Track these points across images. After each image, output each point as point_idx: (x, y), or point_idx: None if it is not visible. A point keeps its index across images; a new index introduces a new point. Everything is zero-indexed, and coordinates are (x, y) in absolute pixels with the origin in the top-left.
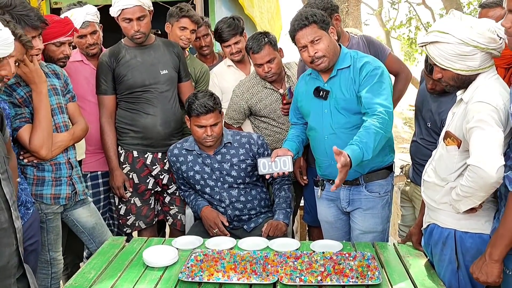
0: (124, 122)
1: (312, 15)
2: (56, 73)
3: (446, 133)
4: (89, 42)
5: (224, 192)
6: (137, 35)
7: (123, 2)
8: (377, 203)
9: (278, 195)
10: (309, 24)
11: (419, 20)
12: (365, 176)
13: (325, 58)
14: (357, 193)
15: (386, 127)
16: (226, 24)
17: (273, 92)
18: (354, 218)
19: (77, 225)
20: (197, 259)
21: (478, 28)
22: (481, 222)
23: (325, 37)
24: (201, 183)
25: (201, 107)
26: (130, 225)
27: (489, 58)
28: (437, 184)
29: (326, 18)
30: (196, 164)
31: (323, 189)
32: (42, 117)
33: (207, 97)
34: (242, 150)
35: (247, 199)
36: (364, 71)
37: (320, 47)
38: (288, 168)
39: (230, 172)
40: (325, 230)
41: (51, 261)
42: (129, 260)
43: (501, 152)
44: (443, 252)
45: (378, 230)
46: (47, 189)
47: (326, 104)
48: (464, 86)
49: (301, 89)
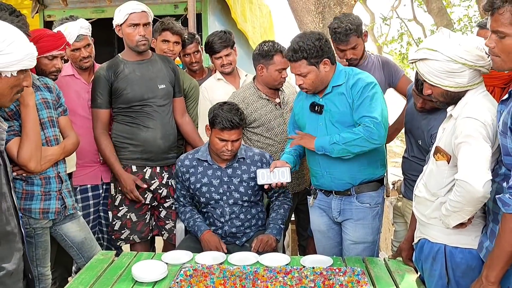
0: (122, 136)
1: (302, 51)
2: (48, 86)
3: (436, 148)
4: (83, 55)
5: (228, 207)
6: (142, 41)
7: (131, 7)
8: (368, 214)
9: (277, 211)
10: (298, 59)
11: (411, 36)
12: (356, 188)
13: (308, 89)
14: (348, 203)
15: (369, 134)
16: (217, 36)
17: (268, 103)
18: (345, 228)
19: (65, 239)
20: (186, 274)
21: (466, 45)
22: (471, 237)
23: (313, 72)
24: (206, 196)
25: (227, 121)
26: (124, 239)
27: (478, 75)
28: (427, 199)
29: (320, 53)
30: (205, 176)
31: (315, 198)
32: (30, 130)
33: (234, 111)
34: (253, 168)
35: (246, 217)
36: (357, 87)
37: (306, 80)
38: (286, 178)
39: (238, 188)
40: (317, 239)
41: (39, 277)
42: (117, 275)
43: (488, 167)
44: (433, 267)
45: (369, 240)
46: (36, 204)
47: (321, 118)
48: (454, 102)
49: (299, 103)
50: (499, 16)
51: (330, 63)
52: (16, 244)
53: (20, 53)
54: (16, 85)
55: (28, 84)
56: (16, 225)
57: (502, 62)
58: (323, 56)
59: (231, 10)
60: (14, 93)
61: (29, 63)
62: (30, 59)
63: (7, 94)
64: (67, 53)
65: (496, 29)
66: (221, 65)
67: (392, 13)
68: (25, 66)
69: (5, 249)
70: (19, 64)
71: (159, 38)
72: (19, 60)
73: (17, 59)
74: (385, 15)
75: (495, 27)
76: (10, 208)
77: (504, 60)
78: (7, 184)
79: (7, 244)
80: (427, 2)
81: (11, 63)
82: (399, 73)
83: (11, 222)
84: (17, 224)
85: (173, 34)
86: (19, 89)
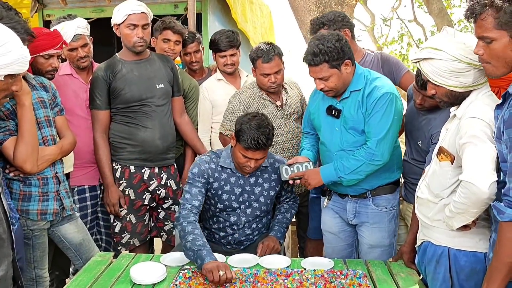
0: (120, 137)
1: (323, 54)
2: (44, 85)
3: (439, 148)
4: (80, 55)
5: (244, 216)
6: (140, 42)
7: (131, 7)
8: (384, 217)
9: (283, 214)
10: (319, 63)
11: (411, 37)
12: (372, 191)
13: (331, 91)
14: (363, 206)
15: (371, 157)
16: (224, 35)
17: (270, 104)
18: (361, 232)
19: (63, 241)
20: (185, 276)
21: (471, 45)
22: (475, 240)
23: (335, 75)
24: (225, 203)
25: (253, 142)
26: (125, 244)
27: (483, 75)
28: (430, 201)
29: (341, 54)
30: (227, 183)
31: (330, 199)
32: (25, 130)
33: (262, 129)
34: (274, 176)
35: (257, 226)
36: (372, 98)
37: (328, 84)
38: None
39: (258, 198)
40: (327, 240)
41: (36, 279)
42: (115, 277)
43: (494, 168)
44: (436, 270)
45: (385, 244)
46: (34, 205)
47: (337, 122)
48: (458, 103)
49: (315, 102)
50: (482, 22)
51: (351, 64)
52: (5, 250)
53: (11, 57)
54: (4, 89)
55: (17, 88)
56: (5, 230)
57: (493, 68)
58: (344, 57)
59: (232, 10)
60: (1, 97)
61: (18, 68)
62: (21, 64)
63: None
64: (64, 52)
65: (481, 35)
66: (224, 64)
67: (393, 14)
68: (13, 71)
69: None
70: (8, 69)
71: (159, 37)
72: (8, 64)
73: (6, 63)
74: (386, 16)
75: (480, 33)
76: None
77: (495, 65)
78: None
79: None
80: (428, 3)
81: None
82: (401, 70)
83: (0, 228)
84: (7, 229)
85: (174, 33)
86: (7, 93)
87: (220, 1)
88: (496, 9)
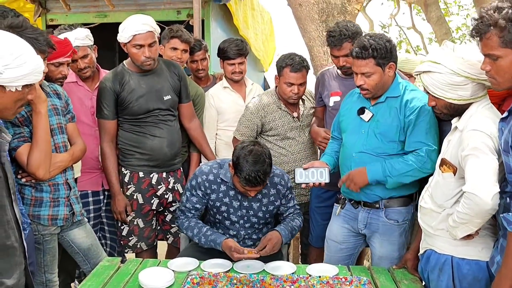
0: (129, 144)
1: (373, 49)
2: (57, 93)
3: (442, 160)
4: (80, 67)
5: (243, 230)
6: (148, 62)
7: (136, 28)
8: (395, 231)
9: (290, 221)
10: (366, 57)
11: (409, 44)
12: (385, 201)
13: (368, 91)
14: (375, 217)
15: (422, 165)
16: (234, 43)
17: (286, 114)
18: (372, 243)
19: (72, 246)
20: (193, 282)
21: (469, 59)
22: (478, 249)
23: (378, 73)
24: (224, 215)
25: (252, 179)
26: (132, 246)
27: (482, 89)
28: (433, 211)
29: (388, 54)
30: (226, 196)
31: (343, 208)
32: (40, 138)
33: (259, 164)
34: (273, 191)
35: (258, 237)
36: (413, 106)
37: (368, 82)
38: (324, 179)
39: (257, 213)
40: (328, 247)
41: (46, 283)
42: (124, 282)
43: (496, 179)
44: (439, 278)
45: (395, 257)
46: (45, 210)
47: (365, 125)
48: (458, 114)
49: (347, 105)
50: (487, 41)
51: (394, 69)
52: (17, 258)
53: (27, 68)
54: (20, 99)
55: (33, 97)
56: (17, 238)
57: (498, 83)
58: (391, 58)
59: (234, 16)
60: (18, 106)
61: (34, 78)
62: (36, 74)
63: (11, 108)
64: None
65: (488, 53)
66: (233, 72)
67: (391, 20)
68: (30, 81)
69: (5, 263)
70: (25, 79)
71: (167, 45)
72: (25, 75)
73: (23, 74)
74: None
75: (486, 51)
76: (11, 221)
77: (499, 81)
78: (8, 197)
79: (7, 258)
80: (426, 10)
81: (16, 78)
82: None
83: (12, 236)
84: (19, 237)
85: (182, 42)
86: (23, 102)
87: (222, 8)
88: (500, 29)
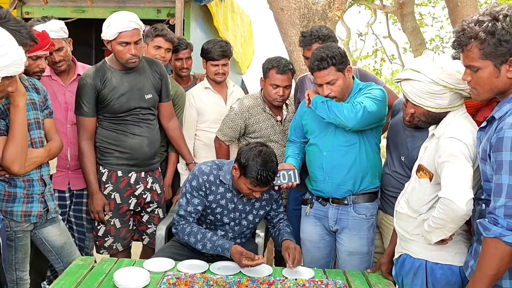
0: (108, 143)
1: (331, 57)
2: (36, 87)
3: (418, 166)
4: (55, 60)
5: (231, 233)
6: (133, 59)
7: (122, 25)
8: (364, 225)
9: (286, 230)
10: (327, 66)
11: (384, 52)
12: (354, 197)
13: (337, 98)
14: (344, 213)
15: (349, 111)
16: (218, 45)
17: (270, 118)
18: (340, 240)
19: (45, 243)
20: (169, 283)
21: (448, 69)
22: (452, 254)
23: (341, 79)
24: (217, 216)
25: (263, 179)
26: (108, 247)
27: (459, 98)
28: (409, 216)
29: (344, 59)
30: (223, 198)
31: (311, 207)
32: (16, 132)
33: (269, 165)
34: (266, 195)
35: (241, 241)
36: (365, 87)
37: (335, 88)
38: (296, 180)
39: (248, 216)
40: (306, 249)
41: (17, 281)
42: (98, 282)
43: (471, 185)
44: (413, 282)
45: (364, 251)
46: (18, 206)
47: (332, 125)
48: (435, 122)
49: (307, 109)
50: (468, 52)
51: (351, 71)
52: None
53: (8, 59)
54: (0, 91)
55: (13, 89)
56: None
57: (478, 93)
58: (347, 62)
59: (214, 17)
60: None
61: (15, 70)
62: (17, 66)
63: None
64: None
65: (468, 64)
66: (216, 73)
67: (368, 29)
68: (11, 73)
69: None
70: (5, 70)
71: (150, 43)
72: (6, 66)
73: (4, 65)
74: (361, 30)
75: (467, 62)
76: None
77: (479, 91)
78: None
79: None
80: (402, 20)
81: None
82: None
83: None
84: None
85: (166, 41)
86: (3, 94)
87: (203, 8)
88: (481, 41)
